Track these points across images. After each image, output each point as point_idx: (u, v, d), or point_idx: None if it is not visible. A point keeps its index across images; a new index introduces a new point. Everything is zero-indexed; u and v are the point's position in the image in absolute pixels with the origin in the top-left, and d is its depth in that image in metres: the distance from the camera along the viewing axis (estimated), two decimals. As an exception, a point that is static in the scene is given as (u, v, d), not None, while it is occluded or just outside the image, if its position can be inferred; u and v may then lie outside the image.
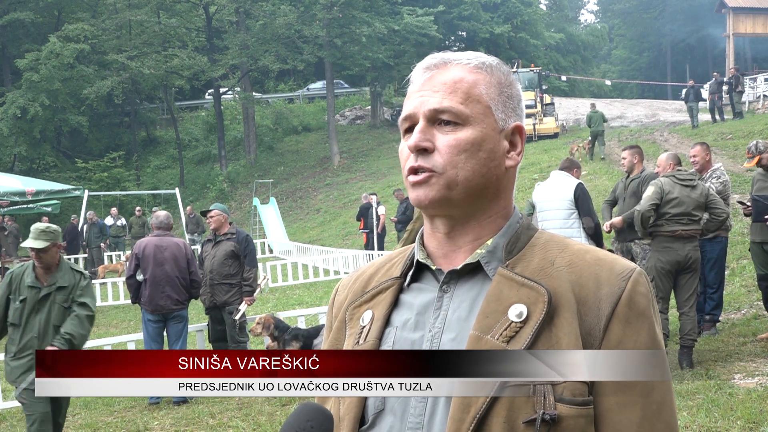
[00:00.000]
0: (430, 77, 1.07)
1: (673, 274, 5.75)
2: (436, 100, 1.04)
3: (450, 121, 1.04)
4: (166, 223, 6.77)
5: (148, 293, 6.43)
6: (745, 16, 29.50)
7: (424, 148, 1.04)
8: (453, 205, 1.05)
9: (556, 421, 0.92)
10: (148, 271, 6.44)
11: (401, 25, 30.82)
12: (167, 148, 36.27)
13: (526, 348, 0.95)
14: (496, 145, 1.06)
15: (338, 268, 15.74)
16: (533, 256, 1.04)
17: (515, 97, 1.10)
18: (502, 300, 1.00)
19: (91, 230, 18.27)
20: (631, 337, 0.97)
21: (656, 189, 5.75)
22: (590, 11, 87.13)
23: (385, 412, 1.03)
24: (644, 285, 1.00)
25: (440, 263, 1.09)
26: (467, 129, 1.04)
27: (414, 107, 1.06)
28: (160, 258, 6.47)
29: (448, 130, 1.04)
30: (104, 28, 29.99)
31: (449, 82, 1.05)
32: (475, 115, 1.04)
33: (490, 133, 1.05)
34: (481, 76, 1.07)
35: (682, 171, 5.93)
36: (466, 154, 1.03)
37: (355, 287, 1.19)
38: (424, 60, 1.10)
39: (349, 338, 1.12)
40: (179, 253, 6.59)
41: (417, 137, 1.04)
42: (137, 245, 6.64)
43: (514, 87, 1.10)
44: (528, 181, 18.88)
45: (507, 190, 1.10)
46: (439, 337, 1.02)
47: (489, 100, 1.06)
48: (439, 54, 1.10)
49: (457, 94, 1.04)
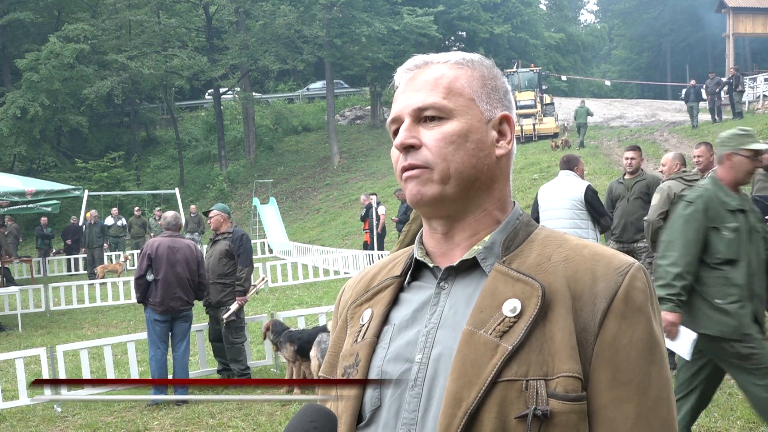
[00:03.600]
0: (412, 78, 1.09)
1: None
2: (419, 98, 1.06)
3: (434, 117, 1.05)
4: (175, 223, 6.77)
5: (159, 294, 6.38)
6: (745, 16, 29.47)
7: (411, 144, 1.05)
8: (448, 202, 1.05)
9: (549, 416, 0.92)
10: (161, 272, 6.40)
11: (401, 25, 30.82)
12: (167, 148, 36.27)
13: (519, 343, 0.95)
14: (484, 135, 1.06)
15: (338, 268, 15.74)
16: (531, 251, 1.04)
17: (500, 89, 1.10)
18: (497, 295, 0.99)
19: (91, 230, 18.26)
20: (627, 332, 0.96)
21: (662, 196, 5.75)
22: (590, 11, 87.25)
23: (381, 408, 1.03)
24: (642, 280, 0.99)
25: (439, 261, 1.09)
26: (452, 122, 1.04)
27: (399, 109, 1.08)
28: (173, 259, 6.45)
29: (433, 125, 1.05)
30: (104, 28, 29.97)
31: (431, 80, 1.06)
32: (459, 107, 1.05)
33: (476, 123, 1.05)
34: (462, 72, 1.08)
35: (688, 172, 5.93)
36: (453, 146, 1.04)
37: (358, 287, 1.20)
38: (406, 62, 1.12)
39: (349, 336, 1.13)
40: (191, 254, 6.58)
41: (403, 135, 1.05)
42: (149, 245, 6.58)
43: (498, 79, 1.11)
44: (528, 181, 18.88)
45: (500, 180, 1.09)
46: (434, 333, 1.02)
47: (471, 92, 1.07)
48: (421, 55, 1.12)
49: (438, 90, 1.05)
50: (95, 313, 13.19)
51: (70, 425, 6.07)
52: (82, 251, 19.31)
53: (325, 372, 1.16)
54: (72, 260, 20.22)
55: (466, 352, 0.97)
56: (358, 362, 1.07)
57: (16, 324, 11.77)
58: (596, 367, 0.96)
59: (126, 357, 7.54)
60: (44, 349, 6.82)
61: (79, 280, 16.40)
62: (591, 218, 5.98)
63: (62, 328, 11.74)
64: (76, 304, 13.76)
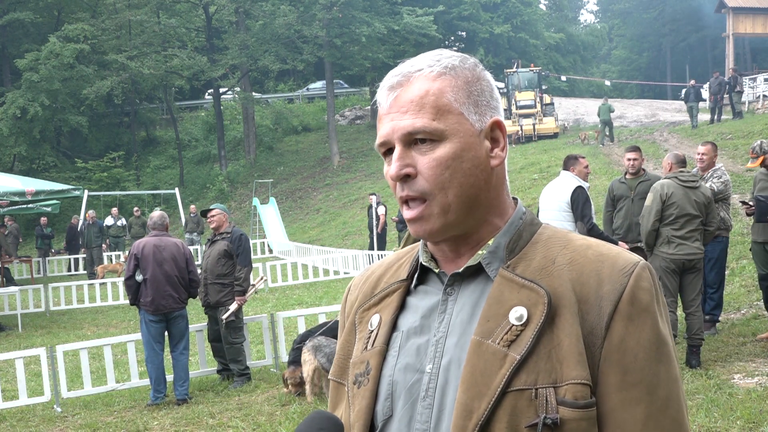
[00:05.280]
0: (395, 97, 1.04)
1: (678, 274, 5.77)
2: (408, 122, 1.02)
3: (426, 139, 1.02)
4: (161, 223, 6.77)
5: (150, 293, 6.40)
6: (745, 16, 29.46)
7: (407, 174, 1.02)
8: (452, 228, 1.04)
9: (559, 424, 0.92)
10: (148, 271, 6.42)
11: (401, 25, 30.81)
12: (167, 148, 36.27)
13: (527, 352, 0.94)
14: (478, 150, 1.03)
15: (338, 268, 15.73)
16: (535, 254, 1.03)
17: (486, 91, 1.06)
18: (503, 302, 0.99)
19: (90, 230, 18.26)
20: (634, 334, 0.96)
21: (655, 196, 5.79)
22: (590, 11, 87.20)
23: (393, 418, 1.03)
24: (647, 279, 0.98)
25: (444, 266, 1.09)
26: (445, 144, 1.01)
27: (386, 133, 1.04)
28: (159, 258, 6.46)
29: (426, 149, 1.02)
30: (104, 28, 29.96)
31: (416, 99, 1.02)
32: (449, 127, 1.02)
33: (469, 140, 1.03)
34: (446, 82, 1.03)
35: (684, 172, 5.93)
36: (450, 171, 1.01)
37: (365, 288, 1.19)
38: (385, 78, 1.07)
39: (358, 342, 1.13)
40: (178, 252, 6.58)
41: (396, 166, 1.02)
42: (135, 246, 6.61)
43: (482, 81, 1.07)
44: (528, 181, 18.89)
45: (498, 188, 1.08)
46: (443, 342, 1.02)
47: (459, 105, 1.03)
48: (399, 68, 1.06)
49: (425, 110, 1.01)
50: (95, 313, 13.20)
51: (70, 425, 6.07)
52: (82, 251, 19.33)
53: (335, 375, 1.16)
54: (72, 260, 20.22)
55: (475, 363, 0.96)
56: (369, 371, 1.07)
57: (16, 324, 11.77)
58: (604, 370, 0.95)
59: (126, 357, 7.54)
60: (44, 349, 6.82)
61: (79, 280, 16.40)
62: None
63: (62, 328, 11.75)
64: (76, 304, 13.76)
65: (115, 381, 7.02)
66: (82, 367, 6.89)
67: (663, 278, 5.74)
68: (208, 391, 6.96)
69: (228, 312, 6.83)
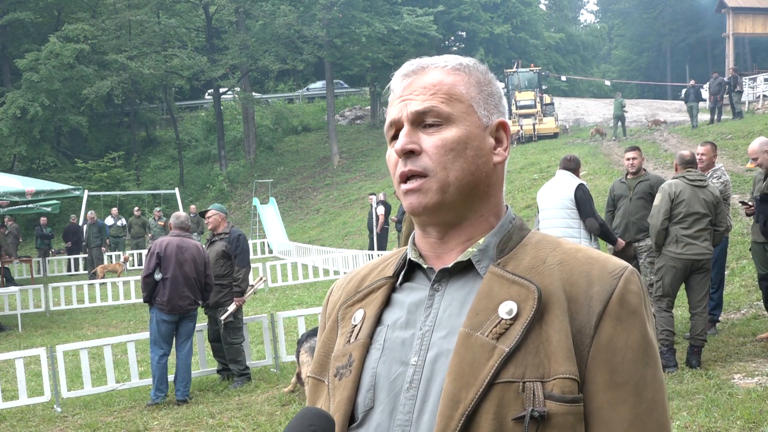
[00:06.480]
0: (409, 83, 1.08)
1: (684, 274, 5.77)
2: (418, 102, 1.05)
3: (434, 123, 1.05)
4: (187, 224, 6.80)
5: (167, 293, 6.37)
6: (745, 16, 29.46)
7: (411, 150, 1.04)
8: (447, 210, 1.05)
9: (545, 418, 0.92)
10: (169, 271, 6.39)
11: (401, 25, 30.82)
12: (167, 148, 36.27)
13: (515, 345, 0.95)
14: (482, 142, 1.06)
15: (338, 268, 15.74)
16: (525, 254, 1.05)
17: (495, 95, 1.11)
18: (493, 297, 1.00)
19: (90, 230, 18.27)
20: (623, 335, 0.97)
21: (664, 196, 5.78)
22: (590, 11, 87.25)
23: (374, 410, 1.03)
24: (636, 284, 1.00)
25: (432, 263, 1.09)
26: (452, 128, 1.05)
27: (397, 113, 1.08)
28: (181, 258, 6.45)
29: (432, 131, 1.05)
30: (104, 28, 29.95)
31: (429, 85, 1.06)
32: (458, 113, 1.05)
33: (475, 130, 1.06)
34: (459, 77, 1.08)
35: (692, 171, 5.93)
36: (453, 153, 1.04)
37: (348, 287, 1.19)
38: (401, 67, 1.11)
39: (340, 337, 1.13)
40: (198, 255, 6.59)
41: (403, 141, 1.05)
42: (158, 244, 6.57)
43: (493, 85, 1.11)
44: (528, 181, 18.88)
45: (496, 187, 1.10)
46: (429, 335, 1.02)
47: (470, 98, 1.07)
48: (416, 60, 1.11)
49: (438, 95, 1.05)
50: (95, 313, 13.20)
51: (70, 425, 6.07)
52: (86, 251, 19.32)
53: (315, 373, 1.15)
54: (72, 260, 20.22)
55: (463, 354, 0.97)
56: (351, 362, 1.07)
57: (16, 324, 11.77)
58: (592, 369, 0.96)
59: (126, 357, 7.54)
60: (44, 349, 6.82)
61: (79, 280, 16.40)
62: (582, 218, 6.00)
63: (62, 328, 11.75)
64: (76, 304, 13.76)
65: (115, 381, 7.02)
66: (82, 367, 6.89)
67: (666, 277, 5.73)
68: (208, 391, 6.96)
69: (226, 313, 6.83)
